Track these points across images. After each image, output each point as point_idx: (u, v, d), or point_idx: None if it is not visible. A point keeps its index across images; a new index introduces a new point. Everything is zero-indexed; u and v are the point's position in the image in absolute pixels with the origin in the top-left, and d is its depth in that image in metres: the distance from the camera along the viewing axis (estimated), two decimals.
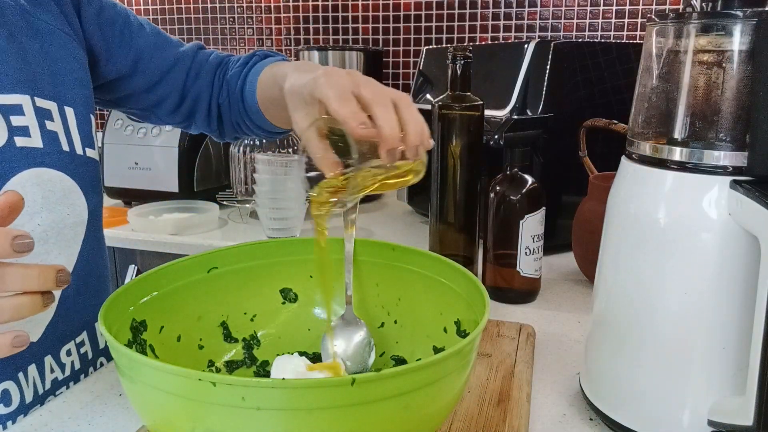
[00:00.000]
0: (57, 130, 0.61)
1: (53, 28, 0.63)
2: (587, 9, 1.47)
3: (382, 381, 0.38)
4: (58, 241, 0.60)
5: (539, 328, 0.75)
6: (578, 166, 0.95)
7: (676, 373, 0.47)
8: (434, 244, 0.89)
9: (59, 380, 0.62)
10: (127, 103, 0.76)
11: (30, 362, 0.59)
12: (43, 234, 0.58)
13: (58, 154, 0.60)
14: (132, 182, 1.37)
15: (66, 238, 0.61)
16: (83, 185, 0.63)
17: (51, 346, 0.61)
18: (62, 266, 0.41)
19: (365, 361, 0.57)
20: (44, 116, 0.59)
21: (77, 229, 0.62)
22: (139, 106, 0.77)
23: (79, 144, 0.63)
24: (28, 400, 0.59)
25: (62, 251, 0.61)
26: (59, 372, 0.62)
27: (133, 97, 0.75)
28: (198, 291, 0.58)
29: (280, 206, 1.10)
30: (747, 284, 0.44)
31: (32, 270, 0.40)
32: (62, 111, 0.62)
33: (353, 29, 1.65)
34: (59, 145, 0.60)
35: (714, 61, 0.44)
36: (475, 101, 0.84)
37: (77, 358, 0.65)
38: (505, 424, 0.53)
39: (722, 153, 0.45)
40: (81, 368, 0.65)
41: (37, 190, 0.58)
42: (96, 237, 0.66)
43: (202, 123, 0.80)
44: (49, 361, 0.61)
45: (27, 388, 0.59)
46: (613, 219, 0.52)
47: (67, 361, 0.63)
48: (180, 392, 0.38)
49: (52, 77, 0.62)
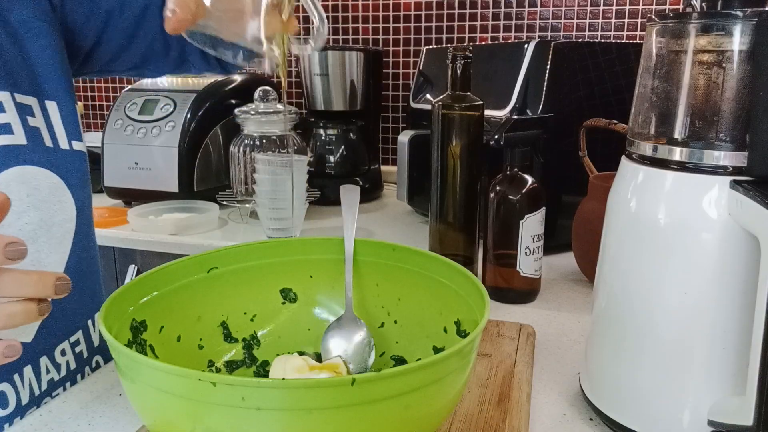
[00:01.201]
0: (39, 126, 0.60)
1: (27, 18, 0.61)
2: (587, 9, 1.47)
3: (382, 381, 0.38)
4: (48, 240, 0.59)
5: (539, 328, 0.75)
6: (578, 166, 0.95)
7: (676, 373, 0.47)
8: (434, 244, 0.89)
9: (55, 381, 0.62)
10: (115, 67, 0.74)
11: (25, 363, 0.58)
12: (32, 233, 0.57)
13: (42, 151, 0.59)
14: (132, 182, 1.36)
15: (56, 236, 0.60)
16: (69, 181, 0.62)
17: (45, 346, 0.61)
18: (62, 274, 0.40)
19: (365, 361, 0.57)
20: (26, 112, 0.59)
21: (66, 227, 0.62)
22: (128, 65, 0.74)
23: (64, 138, 0.62)
24: (25, 401, 0.59)
25: (53, 249, 0.60)
26: (55, 372, 0.62)
27: (119, 58, 0.73)
28: (198, 291, 0.58)
29: (280, 206, 1.10)
30: (747, 284, 0.44)
31: (30, 276, 0.39)
32: (43, 105, 0.61)
33: (353, 29, 1.65)
34: (42, 142, 0.59)
35: (714, 61, 0.44)
36: (475, 101, 0.84)
37: (72, 357, 0.64)
38: (505, 424, 0.53)
39: (722, 153, 0.45)
40: (77, 368, 0.65)
41: (23, 189, 0.57)
42: (86, 233, 0.65)
43: (199, 58, 0.76)
44: (44, 362, 0.61)
45: (23, 389, 0.58)
46: (613, 219, 0.52)
47: (63, 361, 0.63)
48: (180, 392, 0.38)
49: (31, 72, 0.60)
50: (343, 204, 0.67)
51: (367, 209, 1.39)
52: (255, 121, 1.25)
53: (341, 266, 0.61)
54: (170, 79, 1.48)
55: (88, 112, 1.96)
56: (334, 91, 1.41)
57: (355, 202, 0.67)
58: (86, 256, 0.65)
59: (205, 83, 1.41)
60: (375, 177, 1.52)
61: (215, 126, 1.39)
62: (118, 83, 1.90)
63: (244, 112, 1.26)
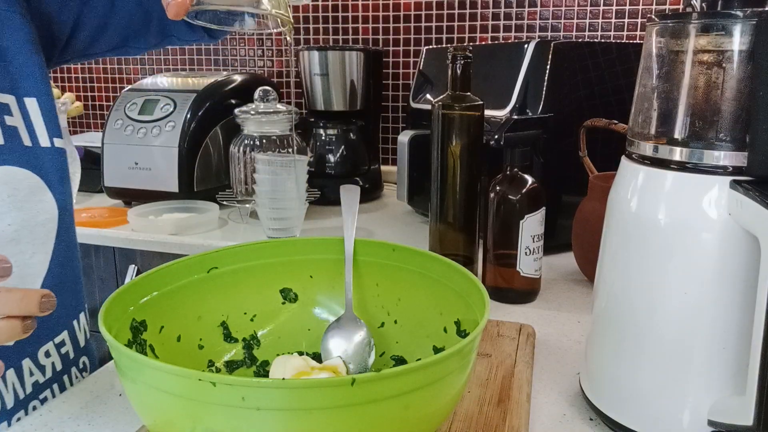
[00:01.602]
0: (17, 125, 0.58)
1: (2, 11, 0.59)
2: (587, 9, 1.47)
3: (382, 381, 0.38)
4: (31, 241, 0.58)
5: (539, 328, 0.75)
6: (578, 166, 0.95)
7: (676, 373, 0.47)
8: (434, 244, 0.89)
9: (40, 383, 0.61)
10: (96, 49, 0.73)
11: (7, 367, 0.57)
12: (14, 234, 0.57)
13: (20, 151, 0.58)
14: (132, 182, 1.36)
15: (39, 236, 0.59)
16: (49, 180, 0.61)
17: (28, 348, 0.59)
18: (47, 291, 0.40)
19: (365, 361, 0.57)
20: (3, 111, 0.58)
21: (49, 226, 0.61)
22: (109, 45, 0.73)
23: (45, 135, 0.61)
24: (10, 405, 0.57)
25: (37, 250, 0.59)
26: (39, 375, 0.61)
27: (99, 39, 0.71)
28: (198, 291, 0.58)
29: (280, 206, 1.10)
30: (747, 284, 0.44)
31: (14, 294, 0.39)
32: (21, 103, 0.60)
33: (353, 29, 1.65)
34: (21, 141, 0.58)
35: (714, 61, 0.44)
36: (475, 101, 0.84)
37: (58, 358, 0.63)
38: (505, 424, 0.53)
39: (722, 153, 0.45)
40: (63, 369, 0.64)
41: (3, 189, 0.56)
42: (68, 232, 0.64)
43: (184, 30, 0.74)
44: (27, 365, 0.59)
45: (7, 393, 0.57)
46: (613, 219, 0.52)
47: (47, 363, 0.61)
48: (180, 392, 0.38)
49: (7, 69, 0.59)
50: (343, 204, 0.67)
51: (367, 209, 1.39)
52: (255, 121, 1.25)
53: (341, 266, 0.61)
54: (170, 79, 1.48)
55: (88, 112, 1.96)
56: (334, 91, 1.41)
57: (355, 202, 0.67)
58: (69, 256, 0.64)
59: (205, 83, 1.41)
60: (375, 177, 1.52)
61: (215, 126, 1.39)
62: (118, 83, 1.90)
63: (244, 112, 1.26)
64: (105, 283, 1.26)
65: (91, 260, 1.25)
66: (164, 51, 1.84)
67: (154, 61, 1.86)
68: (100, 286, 1.27)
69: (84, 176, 1.42)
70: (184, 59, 1.83)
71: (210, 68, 1.81)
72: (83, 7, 0.69)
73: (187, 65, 1.83)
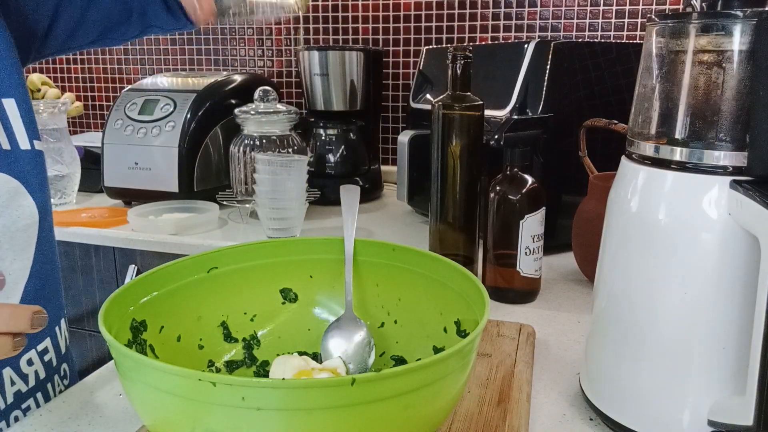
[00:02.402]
0: None
1: None
2: (587, 9, 1.47)
3: (382, 381, 0.38)
4: (12, 247, 0.57)
5: (539, 328, 0.75)
6: (578, 166, 0.95)
7: (676, 373, 0.47)
8: (434, 244, 0.89)
9: (23, 392, 0.60)
10: (74, 42, 0.72)
11: None
12: None
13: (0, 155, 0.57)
14: (132, 182, 1.36)
15: (19, 242, 0.58)
16: (29, 184, 0.59)
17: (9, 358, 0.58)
18: (39, 307, 0.39)
19: (365, 361, 0.57)
20: None
21: (29, 232, 0.59)
22: (87, 39, 0.72)
23: (24, 138, 0.59)
24: None
25: (17, 256, 0.58)
26: (22, 384, 0.60)
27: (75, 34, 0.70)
28: (198, 291, 0.58)
29: (280, 206, 1.10)
30: (747, 284, 0.44)
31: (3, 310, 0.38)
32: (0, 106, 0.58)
33: (353, 29, 1.65)
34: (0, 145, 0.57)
35: (714, 61, 0.44)
36: (475, 101, 0.84)
37: (41, 366, 0.62)
38: (505, 424, 0.53)
39: (722, 153, 0.45)
40: (46, 377, 0.62)
41: None
42: (48, 237, 0.63)
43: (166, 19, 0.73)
44: (8, 374, 0.58)
45: None
46: (613, 219, 0.52)
47: (30, 371, 0.60)
48: (180, 392, 0.38)
49: None
50: (343, 204, 0.67)
51: (367, 209, 1.39)
52: (255, 121, 1.25)
53: (341, 266, 0.61)
54: (170, 79, 1.48)
55: (88, 112, 1.96)
56: (334, 91, 1.41)
57: (355, 202, 0.67)
58: (48, 261, 0.63)
59: (205, 83, 1.41)
60: (375, 177, 1.52)
61: (215, 126, 1.39)
62: (118, 83, 1.90)
63: (244, 112, 1.26)
64: (105, 283, 1.26)
65: (91, 260, 1.25)
66: (164, 51, 1.84)
67: (154, 61, 1.86)
68: (100, 286, 1.27)
69: (84, 176, 1.42)
70: (184, 59, 1.83)
71: (210, 68, 1.80)
72: (59, 4, 0.68)
73: (187, 65, 1.83)
